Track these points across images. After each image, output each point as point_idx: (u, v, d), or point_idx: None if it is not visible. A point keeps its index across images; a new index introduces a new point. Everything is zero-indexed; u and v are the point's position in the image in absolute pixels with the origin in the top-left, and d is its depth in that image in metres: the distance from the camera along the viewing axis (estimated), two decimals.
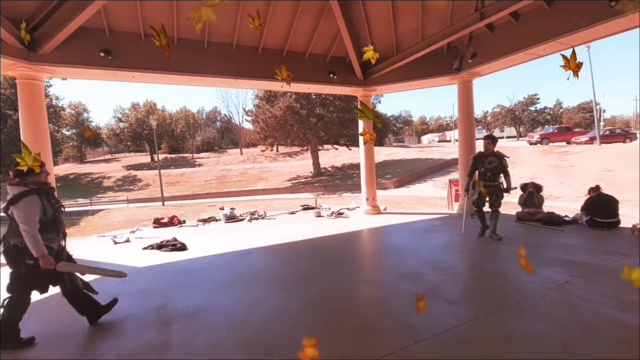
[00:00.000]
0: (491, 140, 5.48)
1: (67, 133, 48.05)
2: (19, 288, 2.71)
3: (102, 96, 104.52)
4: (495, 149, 5.48)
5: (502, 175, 5.36)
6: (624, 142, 21.91)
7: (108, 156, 53.55)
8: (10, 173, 2.69)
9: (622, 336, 2.48)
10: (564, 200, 11.00)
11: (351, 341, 2.61)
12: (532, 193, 6.98)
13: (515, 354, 2.33)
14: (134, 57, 6.30)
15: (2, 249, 2.70)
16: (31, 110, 5.73)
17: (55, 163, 38.10)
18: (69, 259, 2.96)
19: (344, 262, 4.87)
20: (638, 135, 23.50)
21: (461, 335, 2.61)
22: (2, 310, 2.68)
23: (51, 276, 2.75)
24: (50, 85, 38.20)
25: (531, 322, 2.75)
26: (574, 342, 2.42)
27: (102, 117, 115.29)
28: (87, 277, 3.17)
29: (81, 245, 7.30)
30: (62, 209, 2.93)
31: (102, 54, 5.99)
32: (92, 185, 34.25)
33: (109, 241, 7.25)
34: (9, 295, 2.70)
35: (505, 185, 5.39)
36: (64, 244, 2.94)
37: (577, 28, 5.34)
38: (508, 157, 5.40)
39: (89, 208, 20.79)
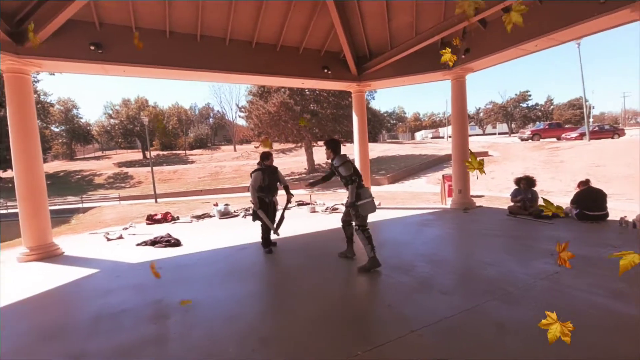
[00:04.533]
0: (327, 145, 4.16)
1: (56, 130, 47.21)
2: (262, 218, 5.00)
3: (91, 92, 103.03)
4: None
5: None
6: (612, 137, 22.29)
7: (99, 153, 52.77)
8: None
9: (612, 323, 2.54)
10: (555, 194, 11.16)
11: (346, 331, 2.64)
12: (524, 189, 7.03)
13: (508, 341, 2.38)
14: (125, 50, 6.19)
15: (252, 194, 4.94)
16: (19, 105, 5.60)
17: (45, 160, 37.41)
18: (274, 209, 5.17)
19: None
20: (626, 131, 23.94)
21: (455, 325, 2.65)
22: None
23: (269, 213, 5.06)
24: (38, 81, 37.42)
25: (523, 311, 2.80)
26: None
27: (92, 113, 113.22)
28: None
29: (73, 242, 7.22)
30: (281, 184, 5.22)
31: (92, 47, 5.89)
32: (83, 182, 33.76)
33: (101, 238, 7.17)
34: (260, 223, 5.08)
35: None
36: (275, 200, 5.17)
37: (568, 24, 5.41)
38: (348, 160, 4.03)
39: (80, 206, 20.47)
